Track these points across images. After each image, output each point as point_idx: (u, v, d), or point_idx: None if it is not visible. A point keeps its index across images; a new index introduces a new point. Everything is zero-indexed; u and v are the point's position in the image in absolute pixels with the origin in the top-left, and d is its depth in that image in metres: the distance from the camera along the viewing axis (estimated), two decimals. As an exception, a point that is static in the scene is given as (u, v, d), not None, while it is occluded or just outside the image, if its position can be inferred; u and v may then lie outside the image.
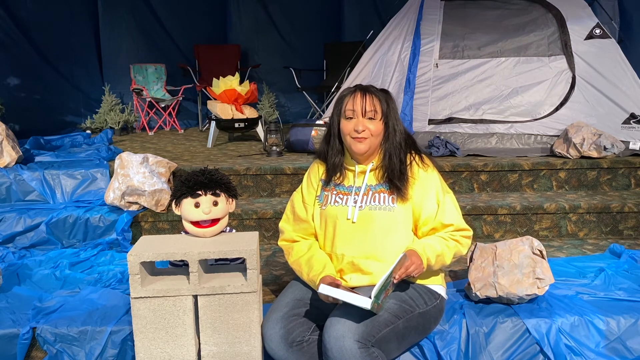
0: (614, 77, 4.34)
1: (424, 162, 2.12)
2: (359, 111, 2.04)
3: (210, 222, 2.03)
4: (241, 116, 5.08)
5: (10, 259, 3.06)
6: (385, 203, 2.06)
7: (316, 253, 2.14)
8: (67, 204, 3.57)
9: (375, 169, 2.12)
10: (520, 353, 2.25)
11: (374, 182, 2.11)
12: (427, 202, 2.07)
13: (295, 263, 2.15)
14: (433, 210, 2.07)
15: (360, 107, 2.04)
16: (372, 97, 2.05)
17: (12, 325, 2.28)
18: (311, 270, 2.07)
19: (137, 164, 3.42)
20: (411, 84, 4.53)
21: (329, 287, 1.85)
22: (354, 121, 2.05)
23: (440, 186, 2.11)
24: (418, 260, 1.93)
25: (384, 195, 2.07)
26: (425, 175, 2.10)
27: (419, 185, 2.08)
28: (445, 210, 2.07)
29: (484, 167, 3.87)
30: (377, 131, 2.06)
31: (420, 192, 2.07)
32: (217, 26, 7.60)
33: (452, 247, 2.06)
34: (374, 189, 2.10)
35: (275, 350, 1.94)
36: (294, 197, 2.26)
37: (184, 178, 2.06)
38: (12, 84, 6.16)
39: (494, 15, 4.64)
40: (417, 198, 2.07)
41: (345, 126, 2.07)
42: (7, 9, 6.04)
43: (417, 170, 2.10)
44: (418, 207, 2.07)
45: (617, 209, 3.49)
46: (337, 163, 2.14)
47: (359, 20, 7.49)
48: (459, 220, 2.10)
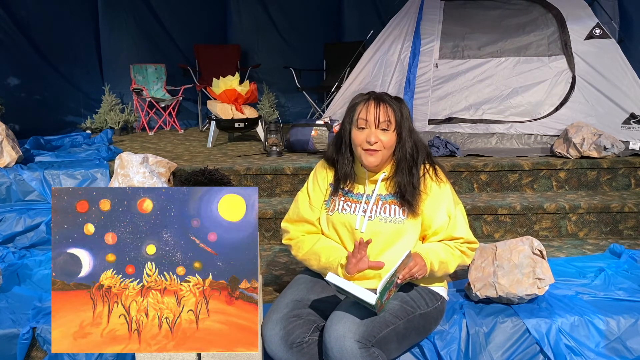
0: (614, 77, 4.34)
1: (437, 176, 2.07)
2: (372, 121, 1.98)
3: (210, 222, 2.02)
4: (241, 116, 5.08)
5: (10, 259, 3.06)
6: (395, 215, 2.03)
7: (332, 242, 2.12)
8: (67, 204, 3.56)
9: (387, 179, 2.07)
10: (520, 353, 2.25)
11: (384, 192, 2.07)
12: (438, 215, 2.04)
13: (310, 251, 2.12)
14: (444, 222, 2.04)
15: (374, 118, 1.97)
16: (387, 107, 1.99)
17: (12, 325, 2.28)
18: (330, 255, 2.05)
19: (137, 164, 3.42)
20: (411, 84, 4.53)
21: (337, 277, 1.85)
22: (367, 132, 1.99)
23: (452, 199, 2.07)
24: (422, 262, 1.92)
25: (395, 207, 2.04)
26: (438, 190, 2.06)
27: (430, 200, 2.04)
28: (456, 224, 2.05)
29: (484, 167, 3.87)
30: (389, 143, 2.00)
31: (431, 206, 2.04)
32: (217, 26, 7.61)
33: (457, 257, 2.06)
34: (384, 199, 2.07)
35: (275, 351, 1.93)
36: (299, 197, 2.22)
37: (184, 178, 2.06)
38: (12, 84, 6.16)
39: (494, 15, 4.65)
40: (428, 211, 2.04)
41: (357, 137, 2.01)
42: (7, 9, 6.03)
43: (430, 184, 2.06)
44: (428, 219, 2.05)
45: (617, 209, 3.49)
46: (349, 173, 2.09)
47: (359, 20, 7.49)
48: (468, 232, 2.08)
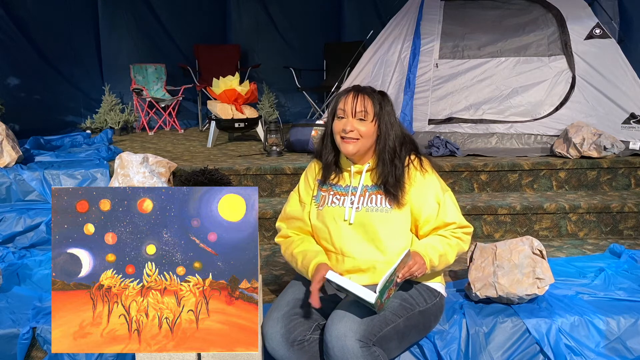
0: (614, 77, 4.34)
1: (422, 166, 2.10)
2: (349, 111, 2.03)
3: (210, 222, 2.02)
4: (241, 116, 5.08)
5: (10, 259, 3.06)
6: (382, 205, 2.05)
7: (311, 244, 2.14)
8: (67, 204, 3.56)
9: (372, 170, 2.11)
10: (520, 353, 2.25)
11: (369, 183, 2.10)
12: (426, 203, 2.06)
13: (290, 255, 2.15)
14: (434, 210, 2.06)
15: (351, 107, 2.03)
16: (364, 98, 2.04)
17: (12, 325, 2.28)
18: (305, 258, 2.07)
19: (137, 163, 3.42)
20: (411, 84, 4.53)
21: (336, 274, 1.85)
22: (344, 121, 2.04)
23: (439, 186, 2.09)
24: (421, 261, 1.93)
25: (381, 197, 2.06)
26: (423, 179, 2.07)
27: (416, 190, 2.06)
28: (447, 209, 2.06)
29: (484, 167, 3.87)
30: (367, 133, 2.03)
31: (417, 195, 2.06)
32: (217, 26, 7.60)
33: (455, 246, 2.06)
34: (371, 189, 2.09)
35: (276, 349, 1.94)
36: (291, 195, 2.26)
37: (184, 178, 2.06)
38: (12, 84, 6.16)
39: (494, 15, 4.65)
40: (415, 201, 2.06)
41: (336, 125, 2.07)
42: (7, 9, 6.04)
43: (415, 174, 2.08)
44: (417, 209, 2.06)
45: (617, 209, 3.49)
46: (331, 161, 2.14)
47: (359, 20, 7.49)
48: (460, 217, 2.09)
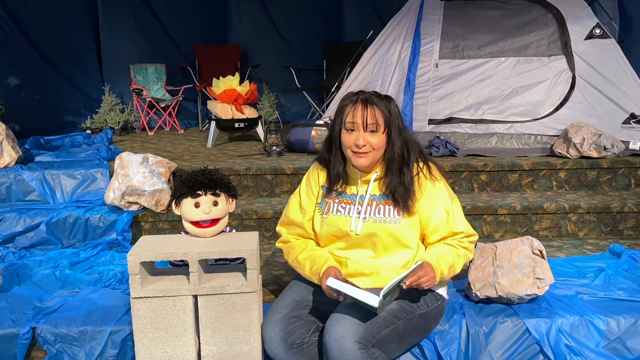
0: (614, 77, 4.34)
1: (432, 174, 2.06)
2: (359, 124, 1.96)
3: (210, 222, 2.03)
4: (241, 116, 5.08)
5: (10, 259, 3.06)
6: (390, 215, 2.01)
7: (317, 248, 2.12)
8: (67, 204, 3.56)
9: (379, 179, 2.06)
10: (520, 353, 2.25)
11: (377, 192, 2.06)
12: (436, 212, 2.03)
13: (295, 260, 2.12)
14: (443, 218, 2.03)
15: (362, 120, 1.96)
16: (374, 109, 1.97)
17: (12, 325, 2.28)
18: (314, 264, 2.03)
19: (137, 164, 3.42)
20: (411, 84, 4.53)
21: (337, 281, 1.84)
22: (355, 134, 1.97)
23: (447, 194, 2.07)
24: (432, 273, 1.92)
25: (389, 207, 2.02)
26: (433, 188, 2.04)
27: (426, 199, 2.03)
28: (455, 218, 2.05)
29: (484, 167, 3.87)
30: (379, 144, 1.98)
31: (428, 204, 2.03)
32: (217, 26, 7.60)
33: (462, 256, 2.06)
34: (378, 199, 2.05)
35: (275, 352, 1.93)
36: (291, 200, 2.22)
37: (184, 178, 2.06)
38: (12, 84, 6.16)
39: (494, 15, 4.65)
40: (425, 210, 2.03)
41: (346, 139, 2.00)
42: (6, 9, 6.03)
43: (425, 183, 2.04)
44: (426, 218, 2.04)
45: (617, 209, 3.49)
46: (341, 173, 2.08)
47: (359, 20, 7.49)
48: (468, 226, 2.09)
